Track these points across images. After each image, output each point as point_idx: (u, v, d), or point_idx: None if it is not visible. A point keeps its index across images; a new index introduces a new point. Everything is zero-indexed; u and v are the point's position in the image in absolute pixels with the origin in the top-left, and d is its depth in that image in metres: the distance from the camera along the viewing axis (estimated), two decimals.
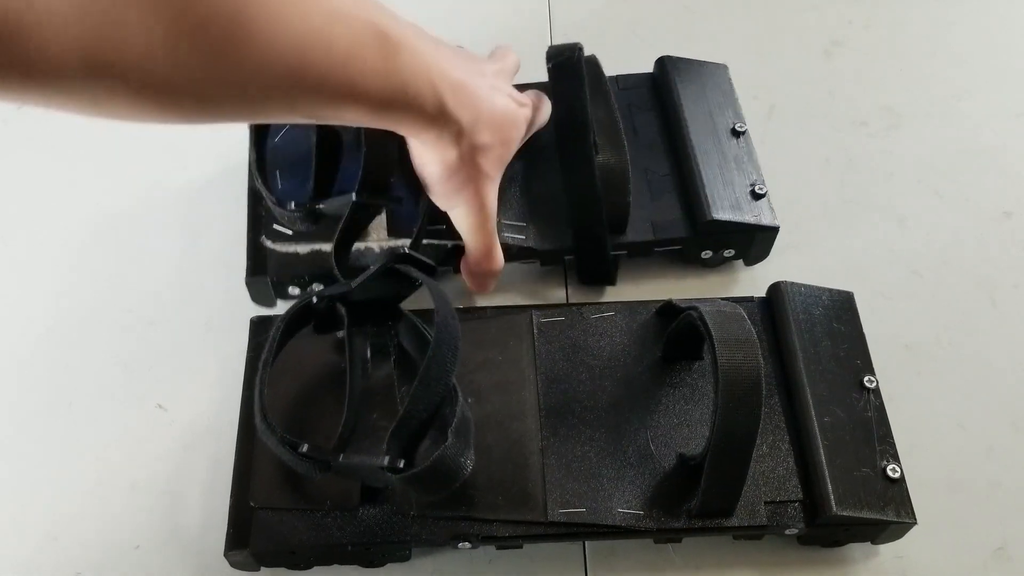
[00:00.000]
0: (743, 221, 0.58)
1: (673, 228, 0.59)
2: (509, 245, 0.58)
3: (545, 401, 0.52)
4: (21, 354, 0.60)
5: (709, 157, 0.60)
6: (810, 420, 0.50)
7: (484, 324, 0.55)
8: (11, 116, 0.71)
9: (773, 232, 0.59)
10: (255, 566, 0.50)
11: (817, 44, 0.76)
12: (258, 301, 0.60)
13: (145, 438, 0.56)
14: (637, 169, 0.60)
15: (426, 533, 0.48)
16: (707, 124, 0.62)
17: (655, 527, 0.48)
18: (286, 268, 0.58)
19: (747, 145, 0.61)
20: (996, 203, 0.67)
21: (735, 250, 0.61)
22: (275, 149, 0.60)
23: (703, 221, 0.58)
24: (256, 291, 0.59)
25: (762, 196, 0.59)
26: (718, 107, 0.63)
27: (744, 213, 0.58)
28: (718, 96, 0.64)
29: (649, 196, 0.60)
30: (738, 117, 0.63)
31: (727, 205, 0.58)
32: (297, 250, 0.58)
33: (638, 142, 0.62)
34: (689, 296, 0.54)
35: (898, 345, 0.60)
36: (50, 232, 0.65)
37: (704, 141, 0.61)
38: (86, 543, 0.53)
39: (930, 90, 0.73)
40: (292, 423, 0.51)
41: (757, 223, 0.58)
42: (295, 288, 0.59)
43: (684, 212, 0.60)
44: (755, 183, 0.59)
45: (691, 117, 0.62)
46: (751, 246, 0.60)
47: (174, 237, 0.65)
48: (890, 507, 0.48)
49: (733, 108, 0.63)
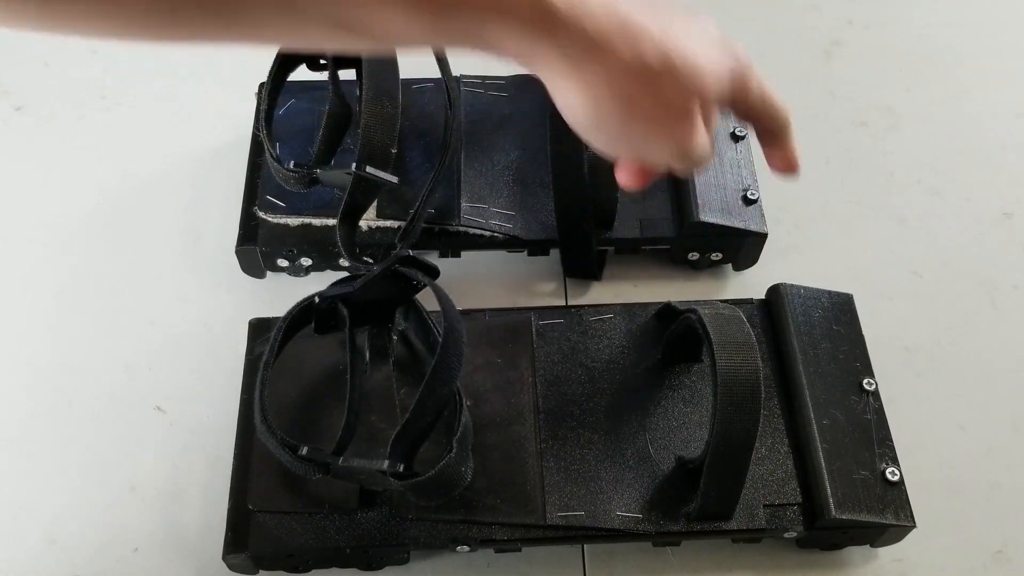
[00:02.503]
0: (730, 225, 0.58)
1: (660, 227, 0.59)
2: (496, 233, 0.58)
3: (544, 403, 0.52)
4: (21, 355, 0.60)
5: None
6: (809, 423, 0.50)
7: (483, 326, 0.55)
8: (11, 116, 0.71)
9: (761, 239, 0.59)
10: (253, 569, 0.49)
11: (817, 44, 0.76)
12: (248, 271, 0.61)
13: (144, 440, 0.56)
14: None
15: (424, 536, 0.48)
16: None
17: (654, 530, 0.48)
18: (276, 239, 0.58)
19: (746, 150, 0.61)
20: (996, 203, 0.67)
21: (723, 254, 0.61)
22: (278, 120, 0.60)
23: (690, 222, 0.58)
24: (245, 260, 0.60)
25: (753, 202, 0.59)
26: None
27: (732, 217, 0.58)
28: None
29: (640, 194, 0.60)
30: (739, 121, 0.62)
31: (716, 208, 0.58)
32: (288, 222, 0.58)
33: None
34: (682, 297, 0.54)
35: (898, 346, 0.60)
36: (50, 232, 0.65)
37: None
38: (84, 545, 0.53)
39: (930, 90, 0.73)
40: (291, 424, 0.51)
41: (745, 228, 0.58)
42: (283, 260, 0.59)
43: (673, 212, 0.60)
44: (748, 188, 0.59)
45: None
46: (739, 251, 0.60)
47: (174, 238, 0.65)
48: (889, 510, 0.48)
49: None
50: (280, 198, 0.59)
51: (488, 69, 0.64)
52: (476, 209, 0.59)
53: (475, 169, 0.61)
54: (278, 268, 0.60)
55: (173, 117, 0.71)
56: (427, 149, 0.61)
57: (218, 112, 0.70)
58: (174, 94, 0.72)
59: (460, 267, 0.62)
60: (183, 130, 0.70)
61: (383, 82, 0.53)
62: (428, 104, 0.63)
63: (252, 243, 0.58)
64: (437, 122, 0.61)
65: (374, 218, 0.58)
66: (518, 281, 0.63)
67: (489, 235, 0.58)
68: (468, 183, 0.60)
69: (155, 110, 0.71)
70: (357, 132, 0.53)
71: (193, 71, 0.73)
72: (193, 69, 0.73)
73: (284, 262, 0.60)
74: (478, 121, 0.63)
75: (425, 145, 0.61)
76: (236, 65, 0.73)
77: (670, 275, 0.63)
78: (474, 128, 0.62)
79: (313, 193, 0.57)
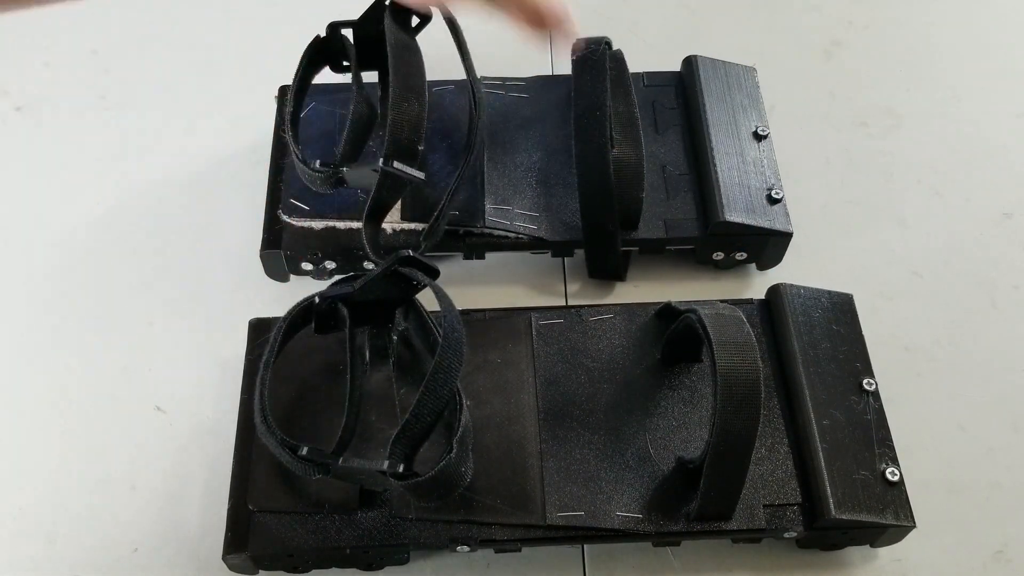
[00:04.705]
0: (756, 225, 0.58)
1: (686, 227, 0.59)
2: (520, 235, 0.58)
3: (544, 404, 0.52)
4: (21, 354, 0.60)
5: (728, 158, 0.60)
6: (809, 423, 0.50)
7: (483, 326, 0.55)
8: (11, 116, 0.71)
9: (786, 238, 0.59)
10: (253, 569, 0.50)
11: (817, 44, 0.76)
12: (272, 275, 0.61)
13: (144, 440, 0.56)
14: (655, 166, 0.60)
15: (424, 536, 0.48)
16: (729, 125, 0.62)
17: (654, 530, 0.48)
18: (300, 242, 0.58)
19: (768, 149, 0.61)
20: (996, 203, 0.67)
21: (747, 253, 0.61)
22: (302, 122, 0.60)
23: (715, 222, 0.58)
24: (270, 264, 0.60)
25: (778, 201, 0.59)
26: (742, 109, 0.63)
27: (757, 217, 0.58)
28: (743, 98, 0.64)
29: (665, 194, 0.60)
30: (762, 120, 0.63)
31: (741, 207, 0.58)
32: (312, 225, 0.58)
33: (659, 139, 0.62)
34: (683, 297, 0.54)
35: (898, 346, 0.60)
36: (49, 232, 0.65)
37: (724, 142, 0.61)
38: (84, 545, 0.53)
39: (930, 90, 0.73)
40: (291, 424, 0.51)
41: (770, 228, 0.58)
42: (308, 264, 0.59)
43: (698, 212, 0.59)
44: (772, 187, 0.59)
45: (714, 117, 0.62)
46: (764, 250, 0.60)
47: (174, 238, 0.65)
48: (889, 510, 0.48)
49: (758, 111, 0.63)
50: (303, 201, 0.59)
51: (508, 71, 0.65)
52: (500, 211, 0.59)
53: (498, 171, 0.60)
54: (302, 272, 0.60)
55: (172, 117, 0.71)
56: (450, 151, 0.61)
57: (218, 113, 0.71)
58: (174, 94, 0.72)
59: (460, 267, 0.63)
60: (182, 130, 0.70)
61: (410, 79, 0.52)
62: (450, 106, 0.63)
63: (276, 247, 0.58)
64: (460, 124, 0.61)
65: (398, 220, 0.58)
66: (518, 281, 0.63)
67: (514, 237, 0.58)
68: (492, 185, 0.60)
69: (154, 110, 0.71)
70: (380, 134, 0.53)
71: (193, 72, 0.73)
72: (193, 70, 0.73)
73: (308, 265, 0.59)
74: (500, 123, 0.63)
75: (448, 147, 0.61)
76: (237, 66, 0.73)
77: (670, 275, 0.63)
78: (496, 130, 0.62)
79: (337, 196, 0.57)
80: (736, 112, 0.63)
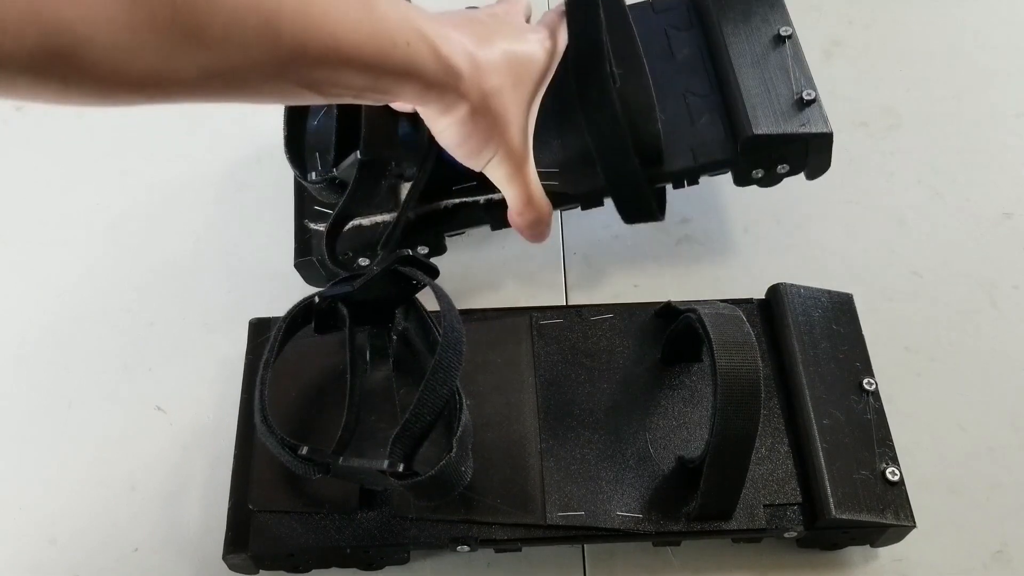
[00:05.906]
0: (790, 132, 0.54)
1: (715, 150, 0.56)
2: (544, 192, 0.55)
3: (544, 403, 0.52)
4: (21, 355, 0.60)
5: (751, 68, 0.56)
6: (809, 423, 0.50)
7: (483, 326, 0.55)
8: (11, 116, 0.71)
9: (827, 139, 0.55)
10: (254, 569, 0.50)
11: (817, 44, 0.76)
12: (310, 282, 0.61)
13: (144, 440, 0.56)
14: (675, 94, 0.57)
15: (425, 536, 0.48)
16: (748, 33, 0.58)
17: (654, 530, 0.48)
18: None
19: (794, 50, 0.57)
20: (996, 203, 0.67)
21: (789, 165, 0.57)
22: (311, 133, 0.60)
23: (744, 138, 0.54)
24: (306, 272, 0.60)
25: (811, 102, 0.55)
26: (760, 14, 0.59)
27: (790, 124, 0.54)
28: (761, 3, 0.59)
29: (689, 120, 0.57)
30: (784, 21, 0.58)
31: (770, 118, 0.54)
32: None
33: (676, 65, 0.59)
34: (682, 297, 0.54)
35: (898, 346, 0.60)
36: (49, 232, 0.65)
37: (745, 52, 0.57)
38: (84, 545, 0.53)
39: (930, 90, 0.73)
40: (291, 424, 0.51)
41: (806, 132, 0.54)
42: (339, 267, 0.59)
43: (727, 133, 0.56)
44: (803, 90, 0.55)
45: (730, 29, 0.58)
46: (806, 158, 0.56)
47: (174, 238, 0.65)
48: (889, 510, 0.47)
49: (779, 12, 0.59)
50: (326, 206, 0.58)
51: None
52: None
53: None
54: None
55: (173, 117, 0.71)
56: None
57: (218, 113, 0.71)
58: None
59: (460, 267, 0.63)
60: (182, 130, 0.70)
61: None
62: None
63: (308, 255, 0.58)
64: None
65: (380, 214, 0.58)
66: (518, 281, 0.63)
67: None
68: None
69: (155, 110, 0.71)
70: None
71: None
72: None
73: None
74: None
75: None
76: None
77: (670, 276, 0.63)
78: None
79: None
80: (754, 18, 0.58)
